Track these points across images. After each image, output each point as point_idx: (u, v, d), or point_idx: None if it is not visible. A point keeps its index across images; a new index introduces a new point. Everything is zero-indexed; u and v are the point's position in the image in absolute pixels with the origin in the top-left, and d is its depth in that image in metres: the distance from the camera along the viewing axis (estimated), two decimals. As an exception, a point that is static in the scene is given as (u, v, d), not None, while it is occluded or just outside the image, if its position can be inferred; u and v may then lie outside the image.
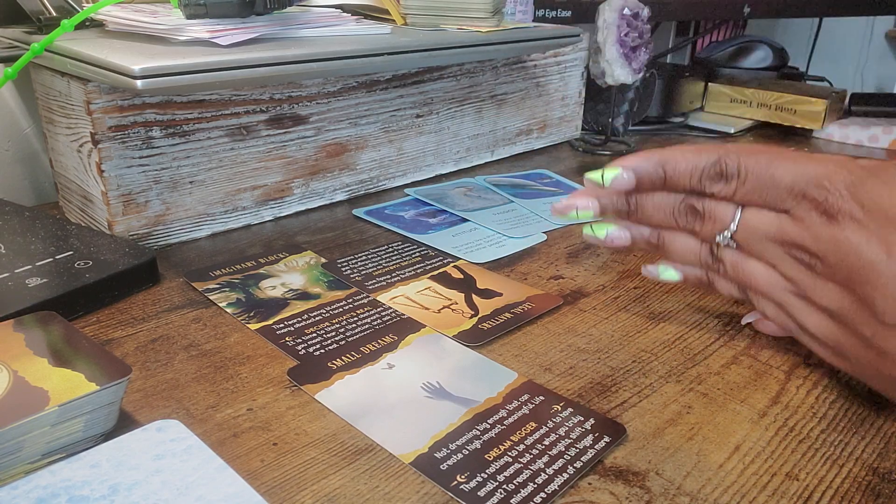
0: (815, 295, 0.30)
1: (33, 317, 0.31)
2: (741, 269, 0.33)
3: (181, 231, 0.48)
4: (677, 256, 0.36)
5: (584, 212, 0.36)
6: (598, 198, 0.36)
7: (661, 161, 0.34)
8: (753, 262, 0.33)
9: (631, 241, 0.37)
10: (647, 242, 0.36)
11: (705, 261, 0.35)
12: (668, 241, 0.36)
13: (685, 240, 0.35)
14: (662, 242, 0.36)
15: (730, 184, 0.32)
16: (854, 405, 0.32)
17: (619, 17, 0.67)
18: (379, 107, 0.57)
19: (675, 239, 0.36)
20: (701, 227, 0.34)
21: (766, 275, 0.32)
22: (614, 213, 0.36)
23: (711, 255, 0.34)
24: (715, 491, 0.27)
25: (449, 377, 0.33)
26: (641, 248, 0.37)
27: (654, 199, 0.35)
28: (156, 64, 0.37)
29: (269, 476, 0.27)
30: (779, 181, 0.30)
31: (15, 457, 0.25)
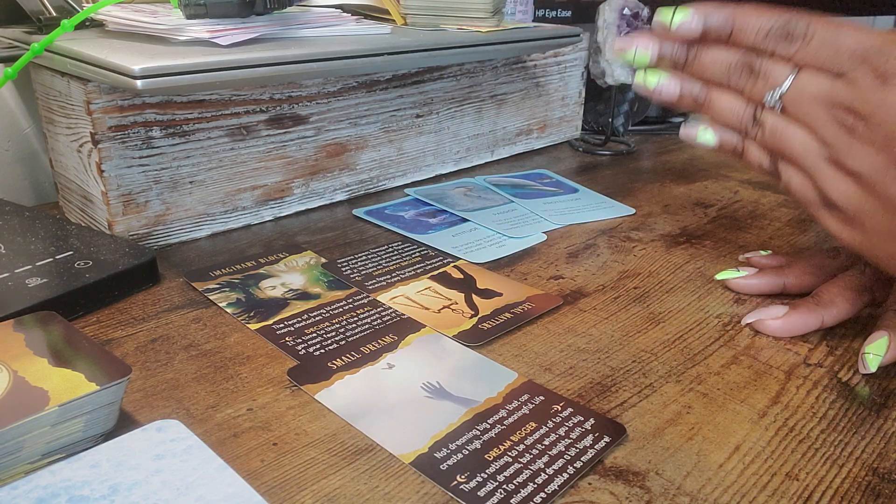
0: (849, 158, 0.31)
1: (33, 317, 0.31)
2: (780, 133, 0.34)
3: (181, 231, 0.48)
4: (720, 116, 0.36)
5: (643, 53, 0.36)
6: (660, 42, 0.36)
7: (732, 13, 0.34)
8: (793, 127, 0.33)
9: (679, 94, 0.37)
10: (694, 99, 0.37)
11: (745, 123, 0.35)
12: (714, 99, 0.36)
13: (731, 100, 0.36)
14: (708, 100, 0.36)
15: (794, 44, 0.32)
16: (854, 405, 0.33)
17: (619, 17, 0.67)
18: (379, 107, 0.57)
19: (721, 97, 0.36)
20: (753, 85, 0.34)
21: (803, 139, 0.33)
22: (671, 63, 0.36)
23: (753, 118, 0.35)
24: (715, 491, 0.27)
25: (449, 377, 0.33)
26: (684, 105, 0.37)
27: (714, 52, 0.35)
28: (156, 64, 0.37)
29: (269, 476, 0.27)
30: (842, 44, 0.31)
31: (15, 457, 0.25)
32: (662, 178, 0.66)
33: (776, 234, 0.53)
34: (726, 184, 0.65)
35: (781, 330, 0.38)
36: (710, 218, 0.56)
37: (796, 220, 0.56)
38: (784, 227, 0.54)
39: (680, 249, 0.50)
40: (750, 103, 0.35)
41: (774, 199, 0.61)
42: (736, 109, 0.35)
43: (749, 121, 0.35)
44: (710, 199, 0.61)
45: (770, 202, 0.60)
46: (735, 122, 0.36)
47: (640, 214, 0.56)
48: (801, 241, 0.52)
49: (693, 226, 0.54)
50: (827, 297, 0.38)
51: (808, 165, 0.33)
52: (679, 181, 0.66)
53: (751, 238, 0.52)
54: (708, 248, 0.50)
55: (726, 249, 0.50)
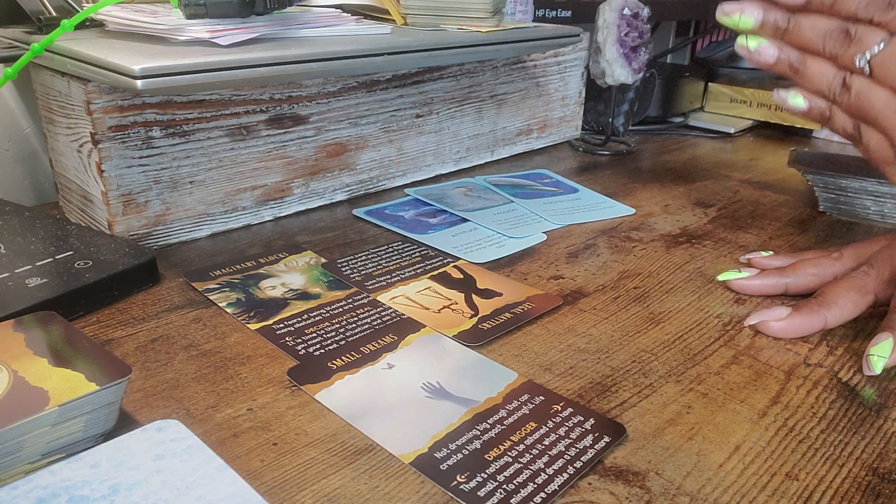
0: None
1: (33, 317, 0.31)
2: (864, 94, 0.36)
3: (181, 231, 0.48)
4: (811, 82, 0.38)
5: (747, 18, 0.39)
6: (764, 10, 0.38)
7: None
8: (878, 88, 0.35)
9: (776, 59, 0.39)
10: (789, 65, 0.39)
11: (834, 88, 0.37)
12: (807, 65, 0.38)
13: (823, 65, 0.37)
14: (802, 65, 0.38)
15: (892, 11, 0.34)
16: (854, 405, 0.33)
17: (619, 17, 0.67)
18: (379, 107, 0.57)
19: (814, 63, 0.38)
20: (846, 50, 0.36)
21: (886, 98, 0.35)
22: (772, 29, 0.39)
23: (843, 83, 0.37)
24: (715, 491, 0.27)
25: (449, 377, 0.33)
26: (779, 70, 0.39)
27: (813, 19, 0.37)
28: (156, 64, 0.37)
29: (269, 476, 0.27)
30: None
31: (15, 457, 0.25)
32: (662, 178, 0.66)
33: (776, 234, 0.53)
34: (726, 184, 0.65)
35: (784, 331, 0.38)
36: (710, 218, 0.56)
37: (796, 220, 0.56)
38: (784, 227, 0.54)
39: (680, 249, 0.50)
40: (841, 70, 0.37)
41: (774, 198, 0.61)
42: (827, 74, 0.37)
43: (838, 86, 0.37)
44: (710, 199, 0.61)
45: (770, 202, 0.60)
46: (825, 87, 0.37)
47: (640, 214, 0.56)
48: (801, 242, 0.52)
49: (693, 226, 0.54)
50: (830, 298, 0.38)
51: (887, 125, 0.35)
52: (679, 181, 0.66)
53: (751, 238, 0.52)
54: (708, 248, 0.50)
55: (726, 249, 0.50)
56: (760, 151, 0.78)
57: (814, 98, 0.39)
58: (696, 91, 0.90)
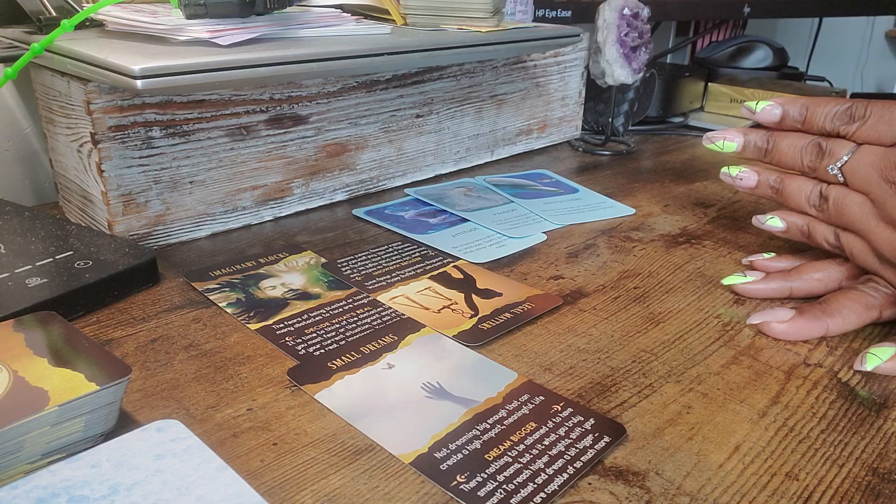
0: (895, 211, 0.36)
1: (33, 317, 0.31)
2: (841, 201, 0.38)
3: (181, 231, 0.48)
4: (791, 197, 0.42)
5: (730, 143, 0.43)
6: (744, 135, 0.43)
7: (804, 103, 0.40)
8: (852, 194, 0.38)
9: (756, 182, 0.43)
10: (770, 186, 0.43)
11: (813, 200, 0.40)
12: (786, 184, 0.42)
13: (800, 182, 0.41)
14: (781, 184, 0.42)
15: (854, 123, 0.38)
16: (854, 405, 0.33)
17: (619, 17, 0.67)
18: (379, 107, 0.57)
19: (792, 182, 0.41)
20: (820, 162, 0.39)
21: (861, 203, 0.38)
22: (753, 151, 0.43)
23: (820, 194, 0.40)
24: (715, 491, 0.27)
25: (449, 377, 0.33)
26: (761, 193, 0.44)
27: (789, 138, 0.41)
28: (156, 64, 0.37)
29: (269, 476, 0.27)
30: (893, 118, 0.37)
31: (15, 457, 0.25)
32: (662, 178, 0.66)
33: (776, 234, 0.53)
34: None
35: (786, 334, 0.38)
36: (710, 218, 0.56)
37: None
38: (784, 227, 0.54)
39: (680, 249, 0.50)
40: (818, 184, 0.40)
41: (774, 199, 0.61)
42: (805, 189, 0.41)
43: (816, 197, 0.40)
44: (710, 199, 0.61)
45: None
46: (804, 201, 0.41)
47: (640, 214, 0.56)
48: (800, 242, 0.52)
49: (693, 226, 0.54)
50: (835, 306, 0.38)
51: (864, 228, 0.37)
52: (679, 181, 0.66)
53: (751, 238, 0.52)
54: (708, 248, 0.50)
55: (726, 249, 0.50)
56: (760, 151, 0.78)
57: (790, 216, 0.42)
58: (696, 91, 0.90)
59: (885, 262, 0.37)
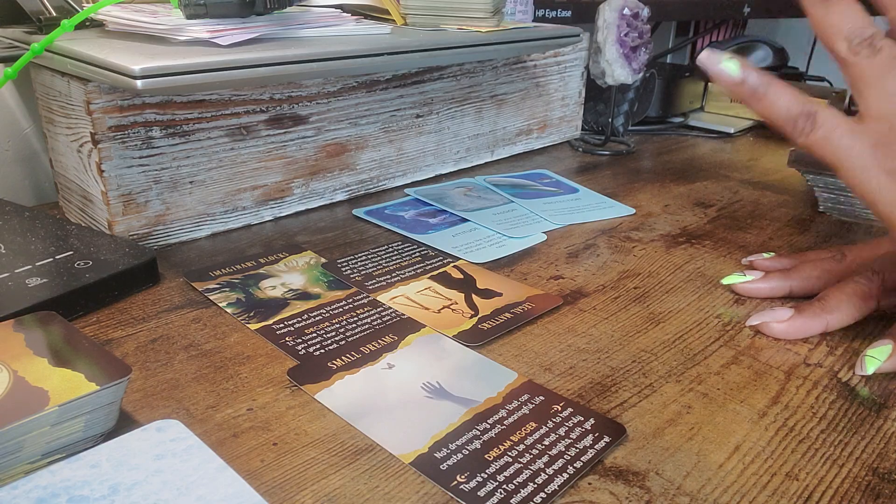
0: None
1: (33, 317, 0.31)
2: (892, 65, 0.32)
3: (181, 231, 0.48)
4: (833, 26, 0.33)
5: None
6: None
7: None
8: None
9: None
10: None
11: (855, 33, 0.33)
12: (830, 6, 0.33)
13: (851, 8, 0.33)
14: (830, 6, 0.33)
15: None
16: (854, 405, 0.33)
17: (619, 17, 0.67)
18: (379, 107, 0.57)
19: (840, 5, 0.33)
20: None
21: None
22: None
23: (871, 39, 0.32)
24: (715, 491, 0.27)
25: (449, 377, 0.33)
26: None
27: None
28: (156, 64, 0.37)
29: (269, 476, 0.27)
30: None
31: (15, 457, 0.25)
32: (662, 178, 0.66)
33: (776, 234, 0.53)
34: (726, 184, 0.65)
35: (786, 333, 0.38)
36: (710, 218, 0.56)
37: (796, 221, 0.56)
38: (784, 227, 0.54)
39: (680, 249, 0.50)
40: (872, 22, 0.33)
41: (774, 199, 0.61)
42: (857, 20, 0.33)
43: (862, 37, 0.32)
44: (710, 199, 0.61)
45: (770, 202, 0.60)
46: (848, 33, 0.33)
47: (640, 214, 0.56)
48: (800, 241, 0.52)
49: (693, 226, 0.54)
50: (833, 302, 0.38)
51: None
52: (679, 181, 0.66)
53: (751, 238, 0.52)
54: (708, 248, 0.50)
55: (726, 249, 0.50)
56: (760, 151, 0.78)
57: (749, 70, 0.34)
58: (696, 91, 0.90)
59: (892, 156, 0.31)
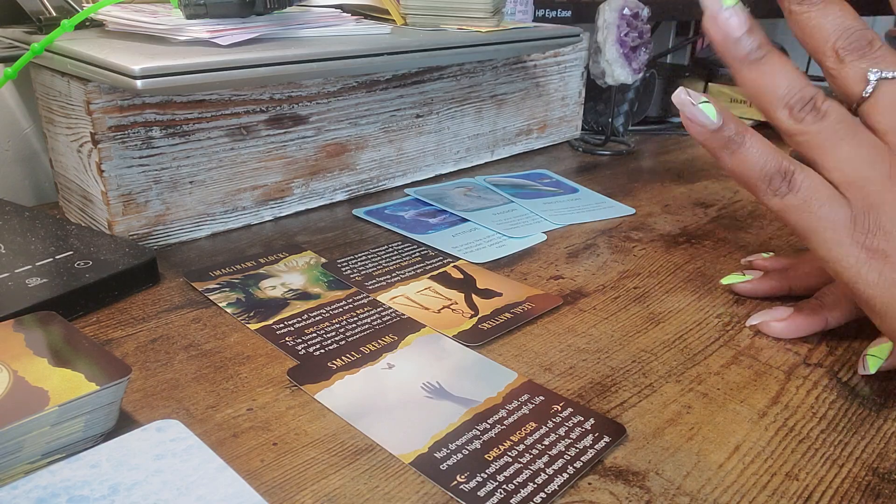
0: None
1: (33, 317, 0.31)
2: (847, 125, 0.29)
3: (181, 231, 0.48)
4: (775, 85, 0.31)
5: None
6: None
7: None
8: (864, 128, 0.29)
9: (742, 31, 0.31)
10: (750, 51, 0.31)
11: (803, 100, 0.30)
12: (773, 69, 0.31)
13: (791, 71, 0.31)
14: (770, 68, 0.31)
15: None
16: (854, 405, 0.33)
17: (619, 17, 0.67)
18: (379, 107, 0.57)
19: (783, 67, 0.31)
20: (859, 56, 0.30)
21: (874, 143, 0.29)
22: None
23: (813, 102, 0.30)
24: (715, 491, 0.27)
25: (449, 377, 0.33)
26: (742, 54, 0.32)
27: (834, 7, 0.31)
28: (156, 64, 0.37)
29: (269, 476, 0.27)
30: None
31: (15, 457, 0.25)
32: (662, 178, 0.66)
33: (776, 234, 0.53)
34: (726, 184, 0.65)
35: (786, 332, 0.38)
36: (710, 218, 0.56)
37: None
38: (784, 227, 0.54)
39: (680, 249, 0.50)
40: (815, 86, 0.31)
41: (774, 199, 0.61)
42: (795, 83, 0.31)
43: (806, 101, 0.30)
44: (710, 199, 0.61)
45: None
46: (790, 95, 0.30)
47: (640, 214, 0.56)
48: (800, 241, 0.52)
49: (693, 226, 0.54)
50: (831, 299, 0.38)
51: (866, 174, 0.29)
52: (679, 181, 0.66)
53: (751, 238, 0.52)
54: (708, 248, 0.50)
55: (726, 249, 0.50)
56: (760, 151, 0.77)
57: (727, 115, 0.31)
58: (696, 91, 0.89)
59: (869, 229, 0.29)
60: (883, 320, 0.30)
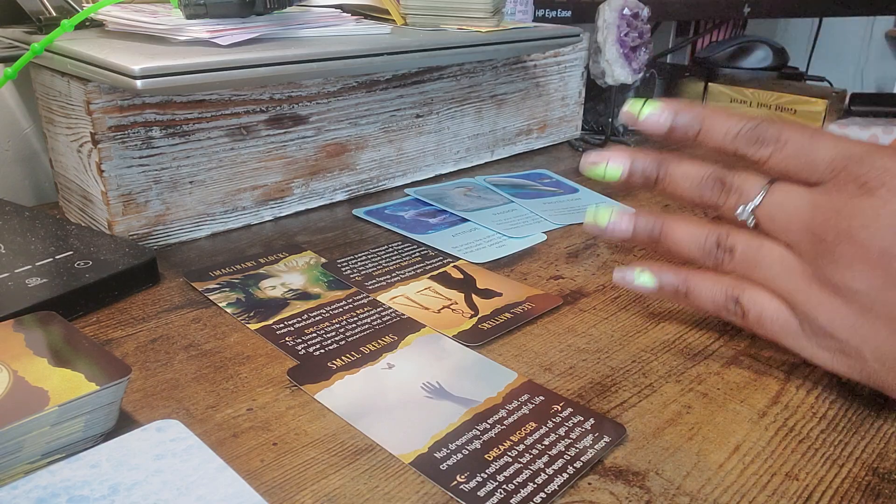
0: (837, 275, 0.28)
1: (33, 317, 0.31)
2: (754, 252, 0.31)
3: (181, 231, 0.48)
4: (678, 245, 0.34)
5: (614, 169, 0.34)
6: (631, 159, 0.34)
7: (700, 114, 0.32)
8: (770, 244, 0.31)
9: (633, 230, 0.35)
10: (649, 235, 0.35)
11: (709, 248, 0.33)
12: (672, 228, 0.34)
13: (692, 227, 0.34)
14: (665, 231, 0.34)
15: (766, 148, 0.31)
16: (854, 405, 0.33)
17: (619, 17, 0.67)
18: (379, 107, 0.57)
19: (681, 226, 0.34)
20: (725, 199, 0.32)
21: (782, 256, 0.31)
22: (641, 178, 0.34)
23: (718, 244, 0.33)
24: (715, 491, 0.27)
25: (449, 377, 0.33)
26: (639, 242, 0.36)
27: (683, 167, 0.34)
28: (156, 64, 0.37)
29: (269, 476, 0.27)
30: (819, 152, 0.29)
31: (15, 457, 0.25)
32: (662, 178, 0.66)
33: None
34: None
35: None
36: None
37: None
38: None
39: (680, 249, 0.50)
40: (716, 228, 0.33)
41: (774, 199, 0.61)
42: (698, 236, 0.33)
43: (713, 247, 0.33)
44: (710, 199, 0.61)
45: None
46: (697, 249, 0.33)
47: (640, 214, 0.56)
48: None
49: (693, 226, 0.54)
50: None
51: (787, 288, 0.31)
52: (679, 181, 0.66)
53: (751, 238, 0.52)
54: (708, 248, 0.50)
55: (726, 249, 0.50)
56: (760, 151, 0.77)
57: (664, 275, 0.35)
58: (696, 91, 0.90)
59: (819, 334, 0.30)
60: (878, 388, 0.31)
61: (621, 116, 0.35)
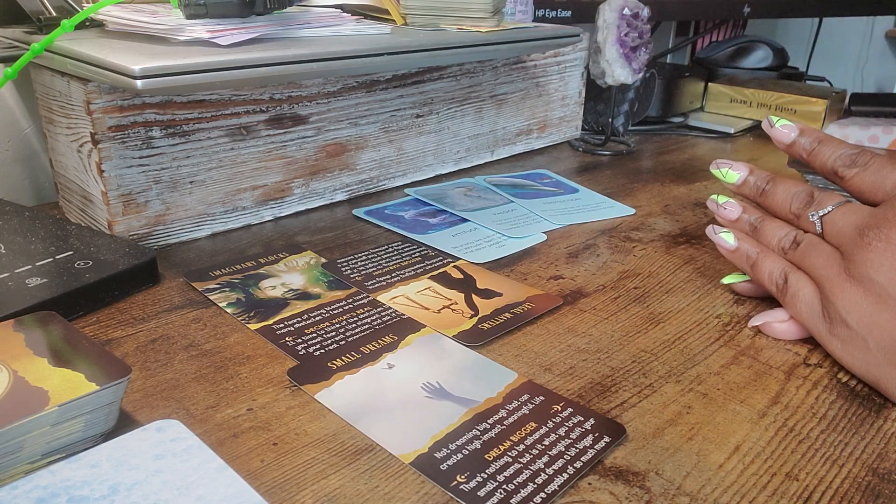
0: (865, 266, 0.33)
1: (33, 317, 0.31)
2: (812, 247, 0.37)
3: (181, 231, 0.48)
4: (763, 237, 0.40)
5: (733, 174, 0.42)
6: (749, 171, 0.42)
7: (818, 137, 0.40)
8: (824, 245, 0.37)
9: (738, 217, 0.42)
10: (749, 223, 0.41)
11: (784, 243, 0.39)
12: (764, 224, 0.41)
13: (778, 225, 0.40)
14: (759, 224, 0.41)
15: (853, 169, 0.37)
16: (854, 405, 0.33)
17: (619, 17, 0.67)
18: (379, 107, 0.57)
19: (771, 223, 0.40)
20: (805, 210, 0.38)
21: (830, 254, 0.36)
22: (751, 188, 0.42)
23: (793, 239, 0.39)
24: (715, 491, 0.27)
25: (449, 377, 0.33)
26: (738, 227, 0.42)
27: (786, 185, 0.40)
28: (156, 64, 0.37)
29: (269, 476, 0.27)
30: (890, 176, 0.36)
31: (15, 457, 0.25)
32: (662, 178, 0.66)
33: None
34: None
35: (788, 333, 0.38)
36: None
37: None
38: (784, 227, 0.54)
39: (680, 249, 0.50)
40: (794, 230, 0.39)
41: (774, 199, 0.61)
42: (780, 232, 0.40)
43: (789, 241, 0.39)
44: (710, 199, 0.61)
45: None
46: (776, 242, 0.40)
47: (640, 214, 0.56)
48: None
49: (693, 226, 0.54)
50: None
51: (823, 275, 0.35)
52: (679, 181, 0.66)
53: (751, 238, 0.52)
54: (708, 249, 0.50)
55: (726, 249, 0.50)
56: (760, 151, 0.78)
57: (745, 241, 0.41)
58: (696, 91, 0.90)
59: (833, 319, 0.35)
60: (875, 385, 0.34)
61: (763, 123, 0.42)
